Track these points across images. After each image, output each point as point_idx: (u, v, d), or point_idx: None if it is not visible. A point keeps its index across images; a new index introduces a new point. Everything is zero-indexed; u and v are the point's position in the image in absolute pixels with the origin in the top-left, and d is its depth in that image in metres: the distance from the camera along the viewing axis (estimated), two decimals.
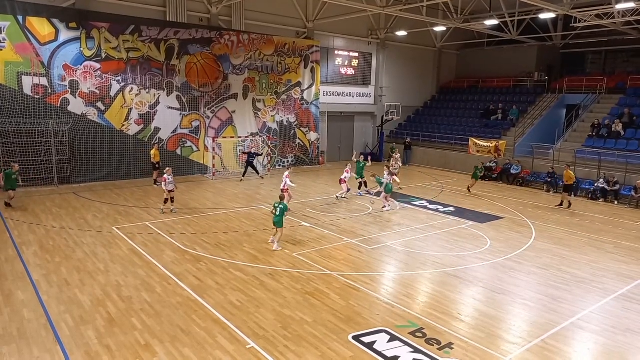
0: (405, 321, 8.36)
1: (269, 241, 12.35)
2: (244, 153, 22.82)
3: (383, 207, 16.69)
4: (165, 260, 10.95)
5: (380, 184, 16.67)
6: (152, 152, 19.80)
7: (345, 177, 17.91)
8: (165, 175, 14.99)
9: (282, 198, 12.35)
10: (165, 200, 15.19)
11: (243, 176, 21.82)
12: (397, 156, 23.10)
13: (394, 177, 18.32)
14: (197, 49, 22.01)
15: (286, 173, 16.04)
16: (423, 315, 8.61)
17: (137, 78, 20.57)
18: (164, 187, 15.03)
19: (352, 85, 29.51)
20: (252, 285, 9.72)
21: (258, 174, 22.38)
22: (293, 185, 16.16)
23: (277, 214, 11.80)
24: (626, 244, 13.83)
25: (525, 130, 25.83)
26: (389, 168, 17.99)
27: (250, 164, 21.73)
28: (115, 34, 19.72)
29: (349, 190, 18.14)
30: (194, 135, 22.55)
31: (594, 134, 23.21)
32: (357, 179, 19.04)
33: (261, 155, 23.48)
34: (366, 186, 19.23)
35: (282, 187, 15.77)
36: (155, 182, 19.35)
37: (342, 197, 18.09)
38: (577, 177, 19.39)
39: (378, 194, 17.52)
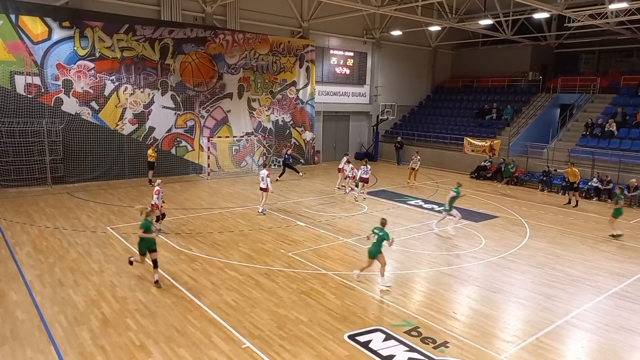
0: (401, 320, 8.38)
1: (355, 277, 10.13)
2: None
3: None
4: (159, 260, 10.84)
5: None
6: (149, 151, 19.79)
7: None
8: (157, 188, 12.77)
9: (383, 224, 9.76)
10: (157, 219, 12.51)
11: (280, 177, 21.79)
12: (416, 158, 22.42)
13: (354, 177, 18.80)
14: (191, 48, 21.93)
15: (266, 172, 15.32)
16: (418, 314, 8.63)
17: (132, 77, 20.46)
18: (156, 201, 12.53)
19: (347, 85, 29.51)
20: (247, 285, 9.70)
21: (298, 172, 22.61)
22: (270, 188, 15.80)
23: (375, 242, 9.58)
24: (619, 242, 13.92)
25: (520, 130, 25.93)
26: (349, 162, 19.25)
27: (287, 165, 22.16)
28: (109, 33, 19.60)
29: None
30: (188, 135, 22.47)
31: (587, 133, 23.35)
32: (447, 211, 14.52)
33: (296, 159, 24.31)
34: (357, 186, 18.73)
35: (263, 187, 15.20)
36: (150, 181, 19.27)
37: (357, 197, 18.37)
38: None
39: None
